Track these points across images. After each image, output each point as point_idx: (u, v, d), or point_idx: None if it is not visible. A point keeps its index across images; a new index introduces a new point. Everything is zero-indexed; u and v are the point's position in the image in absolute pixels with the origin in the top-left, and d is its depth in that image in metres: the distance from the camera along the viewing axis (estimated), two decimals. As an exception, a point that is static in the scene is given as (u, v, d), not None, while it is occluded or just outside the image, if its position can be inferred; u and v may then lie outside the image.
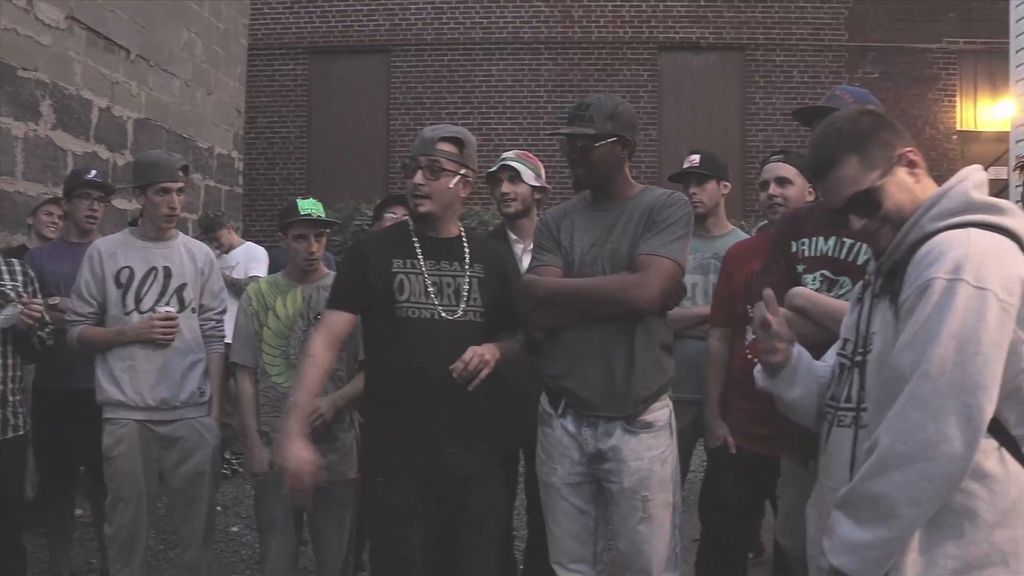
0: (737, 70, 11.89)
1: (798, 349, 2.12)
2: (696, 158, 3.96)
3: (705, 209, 3.88)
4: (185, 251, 3.67)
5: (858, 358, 1.90)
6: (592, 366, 2.75)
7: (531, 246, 3.64)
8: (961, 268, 1.66)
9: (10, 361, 3.56)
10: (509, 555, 3.98)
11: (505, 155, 3.78)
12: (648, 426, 2.74)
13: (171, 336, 3.48)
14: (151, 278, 3.55)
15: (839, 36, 11.77)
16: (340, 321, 2.85)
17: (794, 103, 10.84)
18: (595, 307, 2.75)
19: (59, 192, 5.21)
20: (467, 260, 2.89)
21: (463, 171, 2.84)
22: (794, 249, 2.73)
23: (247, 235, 7.56)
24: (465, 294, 2.84)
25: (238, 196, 9.71)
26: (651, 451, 2.75)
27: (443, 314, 2.79)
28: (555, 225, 2.95)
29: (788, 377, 2.10)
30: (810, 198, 3.30)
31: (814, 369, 2.12)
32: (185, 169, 3.67)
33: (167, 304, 3.54)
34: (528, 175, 3.68)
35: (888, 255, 1.87)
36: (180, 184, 3.58)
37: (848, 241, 2.61)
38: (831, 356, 2.13)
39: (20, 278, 3.59)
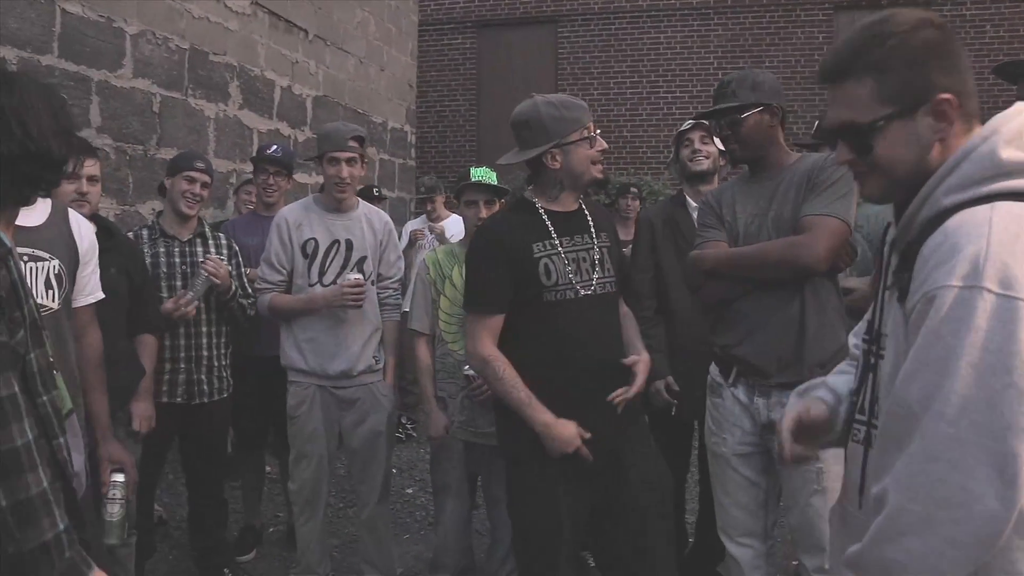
0: (922, 27, 11.14)
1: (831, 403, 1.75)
2: None
3: None
4: (366, 221, 3.73)
5: (872, 359, 1.55)
6: (763, 333, 2.74)
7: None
8: (980, 270, 1.26)
9: (214, 329, 3.83)
10: (680, 527, 3.97)
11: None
12: None
13: (361, 302, 3.53)
14: (334, 251, 3.65)
15: (1040, -16, 10.86)
16: (498, 323, 2.73)
17: (987, 61, 10.08)
18: (763, 272, 2.72)
19: (245, 169, 5.53)
20: (593, 231, 2.84)
21: None
22: None
23: (419, 205, 7.79)
24: (599, 265, 2.80)
25: (411, 168, 10.00)
26: None
27: (585, 291, 2.74)
28: (716, 202, 2.95)
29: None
30: None
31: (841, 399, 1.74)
32: (360, 140, 3.66)
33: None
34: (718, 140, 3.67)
35: (900, 233, 1.49)
36: (350, 154, 3.59)
37: None
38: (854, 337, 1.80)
39: (225, 252, 3.86)
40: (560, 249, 2.74)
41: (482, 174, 3.55)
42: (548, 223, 2.76)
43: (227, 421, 4.05)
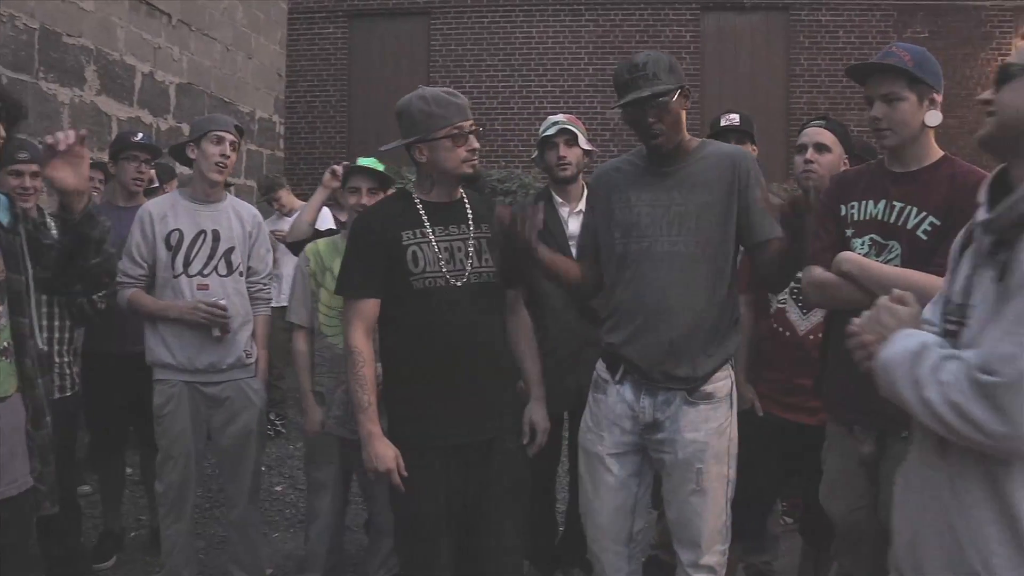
0: (781, 30, 11.63)
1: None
2: (736, 117, 3.88)
3: None
4: (234, 214, 3.68)
5: (950, 327, 1.66)
6: (652, 335, 2.69)
7: (577, 209, 3.65)
8: None
9: (57, 323, 3.65)
10: (550, 518, 4.01)
11: (555, 119, 3.76)
12: (708, 397, 2.69)
13: (214, 324, 3.48)
14: (200, 241, 3.56)
15: (888, -6, 11.47)
16: (371, 308, 2.75)
17: (840, 64, 10.59)
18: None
19: (103, 157, 5.28)
20: (471, 221, 2.83)
21: None
22: (843, 213, 2.67)
23: (267, 205, 7.58)
24: (475, 256, 2.78)
25: (279, 160, 9.77)
26: (709, 423, 2.69)
27: (457, 280, 2.73)
28: (604, 189, 2.86)
29: None
30: (844, 167, 3.23)
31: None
32: (240, 131, 3.68)
33: (215, 268, 3.56)
34: (582, 139, 3.70)
35: (1001, 215, 1.58)
36: (233, 137, 3.61)
37: (898, 204, 2.55)
38: (929, 312, 1.84)
39: None
40: (432, 238, 2.74)
41: (369, 162, 3.53)
42: (422, 212, 2.78)
43: (74, 420, 3.85)
